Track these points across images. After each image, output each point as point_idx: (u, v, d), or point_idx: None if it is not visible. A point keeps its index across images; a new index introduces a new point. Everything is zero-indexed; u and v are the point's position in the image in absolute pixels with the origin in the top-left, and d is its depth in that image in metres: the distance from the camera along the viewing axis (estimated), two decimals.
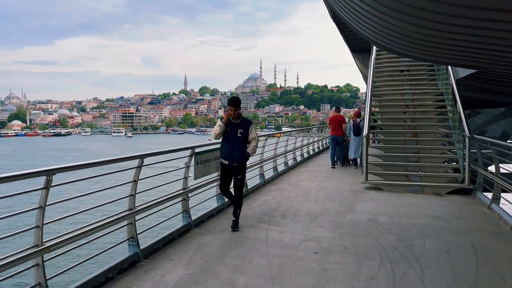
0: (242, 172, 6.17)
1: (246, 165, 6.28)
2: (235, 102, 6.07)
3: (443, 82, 11.81)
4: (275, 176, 11.00)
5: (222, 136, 6.09)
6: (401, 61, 14.57)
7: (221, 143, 6.20)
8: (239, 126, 6.06)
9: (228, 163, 6.08)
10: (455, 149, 9.80)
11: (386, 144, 10.50)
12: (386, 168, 9.74)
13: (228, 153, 6.06)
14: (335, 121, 13.83)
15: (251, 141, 6.17)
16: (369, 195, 8.51)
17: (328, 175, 11.38)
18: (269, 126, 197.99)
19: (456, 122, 9.72)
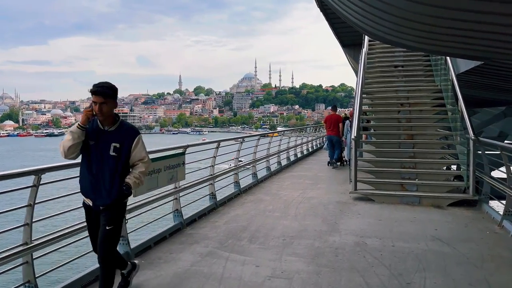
0: (113, 221, 3.41)
1: (122, 207, 3.56)
2: (103, 89, 3.36)
3: (442, 78, 10.64)
4: (254, 184, 9.76)
5: (80, 153, 3.42)
6: (395, 55, 13.43)
7: (80, 166, 3.51)
8: (112, 138, 3.42)
9: (91, 205, 3.47)
10: (457, 154, 8.62)
11: (378, 148, 9.30)
12: (378, 175, 8.53)
13: (90, 186, 3.42)
14: (331, 120, 13.01)
15: (135, 164, 3.51)
16: (358, 208, 7.30)
17: (314, 182, 10.16)
18: (264, 126, 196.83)
19: (458, 122, 8.54)
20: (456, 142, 8.72)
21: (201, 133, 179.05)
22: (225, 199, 7.87)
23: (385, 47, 14.06)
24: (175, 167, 5.66)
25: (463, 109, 8.15)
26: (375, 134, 10.14)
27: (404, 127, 9.60)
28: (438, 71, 11.15)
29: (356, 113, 8.80)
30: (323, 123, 14.59)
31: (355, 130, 8.18)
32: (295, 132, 17.49)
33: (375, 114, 10.78)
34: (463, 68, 9.20)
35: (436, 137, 9.24)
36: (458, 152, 8.47)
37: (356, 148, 8.06)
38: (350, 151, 8.16)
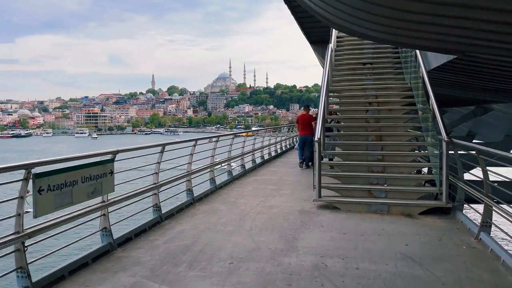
0: None
1: None
2: None
3: (412, 75, 10.05)
4: (212, 191, 8.84)
5: None
6: (364, 52, 12.85)
7: None
8: None
9: None
10: (428, 156, 7.99)
11: (344, 150, 8.58)
12: (344, 180, 7.79)
13: None
14: (303, 120, 12.46)
15: None
16: (321, 219, 6.51)
17: (278, 188, 9.34)
18: (239, 126, 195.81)
19: (429, 122, 7.91)
20: (427, 144, 8.10)
21: (176, 134, 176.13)
22: (173, 211, 6.92)
23: (354, 43, 13.48)
24: (99, 177, 4.69)
25: (434, 108, 7.53)
26: (341, 135, 9.41)
27: (372, 127, 8.92)
28: (408, 68, 10.58)
29: (320, 113, 8.03)
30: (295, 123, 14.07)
31: (318, 131, 7.40)
32: (265, 132, 16.59)
33: (342, 114, 10.09)
34: (434, 64, 8.59)
35: (406, 138, 8.60)
36: (429, 154, 7.84)
37: (320, 150, 7.28)
38: (314, 154, 7.40)
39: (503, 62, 6.62)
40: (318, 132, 7.41)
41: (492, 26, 5.02)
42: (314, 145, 7.33)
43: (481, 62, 6.92)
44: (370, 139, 8.68)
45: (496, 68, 7.03)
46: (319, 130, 7.42)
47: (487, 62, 6.84)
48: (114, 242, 5.12)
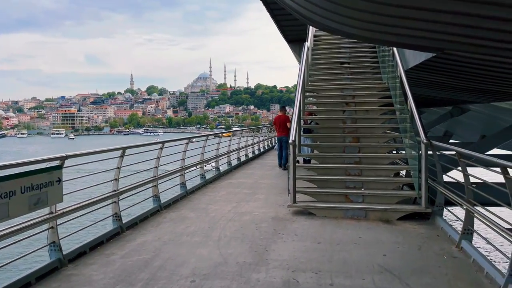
0: None
1: None
2: None
3: (389, 75, 9.80)
4: (182, 196, 8.34)
5: None
6: (341, 51, 12.59)
7: None
8: None
9: None
10: (406, 159, 7.71)
11: (321, 152, 8.23)
12: (320, 184, 7.44)
13: None
14: (280, 121, 12.33)
15: None
16: (295, 227, 6.12)
17: (252, 192, 8.91)
18: (220, 126, 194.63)
19: (407, 123, 7.63)
20: (405, 145, 7.82)
21: (156, 134, 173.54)
22: (136, 220, 6.40)
23: (331, 42, 13.20)
24: (44, 186, 4.16)
25: (413, 109, 7.24)
26: (318, 136, 9.06)
27: (349, 128, 8.61)
28: (386, 68, 10.33)
29: (295, 113, 7.65)
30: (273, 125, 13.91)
31: (293, 133, 7.01)
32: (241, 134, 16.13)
33: (319, 114, 9.74)
34: (412, 63, 8.33)
35: (384, 140, 8.31)
36: (408, 156, 7.56)
37: (294, 153, 6.89)
38: (288, 157, 7.01)
39: (483, 61, 6.38)
40: (292, 133, 7.02)
41: (473, 21, 4.73)
42: (288, 147, 6.93)
43: (460, 61, 6.67)
44: (347, 141, 8.36)
45: (475, 67, 6.79)
46: (293, 132, 7.03)
47: (466, 61, 6.59)
48: (64, 258, 4.59)
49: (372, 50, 12.24)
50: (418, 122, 6.76)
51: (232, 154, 13.40)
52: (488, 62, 6.37)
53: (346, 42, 12.99)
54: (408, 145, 7.61)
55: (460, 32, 5.16)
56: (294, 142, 6.84)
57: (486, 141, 11.31)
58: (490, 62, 6.35)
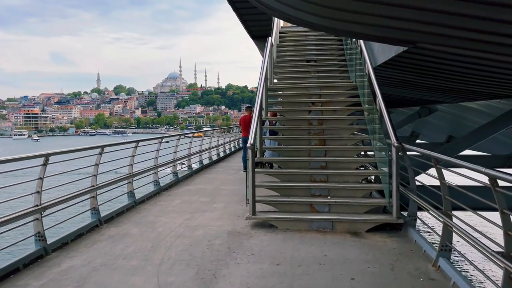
0: None
1: None
2: None
3: (357, 73, 9.23)
4: (129, 206, 7.41)
5: None
6: (308, 49, 11.98)
7: None
8: None
9: None
10: (375, 163, 7.11)
11: (284, 156, 7.52)
12: (283, 191, 6.71)
13: None
14: (245, 121, 11.68)
15: None
16: (252, 244, 5.35)
17: (211, 200, 8.09)
18: (190, 127, 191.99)
19: (376, 125, 7.04)
20: (374, 148, 7.21)
21: (124, 135, 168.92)
22: (67, 238, 5.45)
23: (297, 39, 12.59)
24: None
25: (382, 109, 6.64)
26: (281, 139, 8.33)
27: (315, 130, 7.94)
28: (353, 66, 9.77)
29: (255, 114, 6.88)
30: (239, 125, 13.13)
31: (252, 135, 6.24)
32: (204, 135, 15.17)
33: (283, 115, 9.04)
34: (381, 59, 7.76)
35: (351, 142, 7.69)
36: (377, 160, 6.95)
37: (253, 158, 6.12)
38: (247, 162, 6.24)
39: (457, 56, 5.83)
40: (251, 136, 6.24)
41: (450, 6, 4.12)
42: (246, 152, 6.15)
43: (433, 56, 6.11)
44: (313, 143, 7.69)
45: (449, 64, 6.25)
46: (252, 134, 6.26)
47: (439, 56, 6.03)
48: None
49: (339, 47, 11.70)
50: (388, 123, 6.15)
51: (193, 157, 12.52)
52: (462, 57, 5.84)
53: (313, 39, 12.43)
54: (377, 148, 7.01)
55: (435, 21, 4.55)
56: (253, 146, 6.07)
57: (457, 143, 10.95)
58: (465, 57, 5.81)
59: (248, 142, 6.10)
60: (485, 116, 12.52)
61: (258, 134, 7.22)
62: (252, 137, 6.17)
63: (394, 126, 6.12)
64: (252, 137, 6.16)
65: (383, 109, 6.56)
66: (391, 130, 5.97)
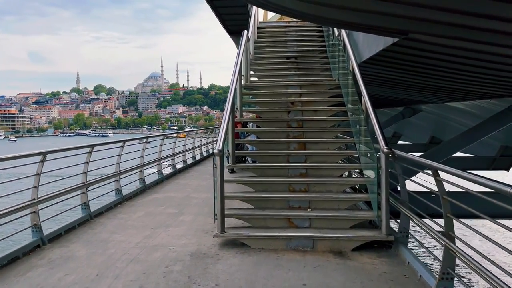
0: None
1: None
2: None
3: (340, 71, 8.50)
4: (83, 221, 6.46)
5: None
6: (288, 45, 11.21)
7: None
8: None
9: None
10: (361, 169, 6.35)
11: (260, 162, 6.71)
12: (258, 203, 5.89)
13: None
14: None
15: None
16: (219, 269, 4.51)
17: (178, 211, 7.21)
18: (172, 127, 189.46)
19: (362, 127, 6.29)
20: (360, 153, 6.46)
21: (105, 136, 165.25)
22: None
23: (277, 35, 11.81)
24: None
25: (369, 109, 5.89)
26: (258, 142, 7.51)
27: (294, 132, 7.16)
28: (336, 63, 9.04)
29: (225, 115, 6.02)
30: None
31: (220, 140, 5.39)
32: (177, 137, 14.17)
33: (261, 116, 8.23)
34: (366, 54, 7.03)
35: (334, 146, 6.93)
36: (363, 167, 6.19)
37: (222, 166, 5.28)
38: (215, 171, 5.40)
39: (451, 49, 5.13)
40: (220, 141, 5.39)
41: None
42: (214, 159, 5.30)
43: (424, 50, 5.40)
44: (292, 148, 6.90)
45: (440, 58, 5.55)
46: (221, 139, 5.41)
47: (431, 49, 5.33)
48: None
49: (321, 44, 10.98)
50: (376, 125, 5.40)
51: (164, 161, 11.59)
52: (458, 50, 5.14)
53: (294, 35, 11.68)
54: (363, 153, 6.25)
55: (432, 3, 3.81)
56: (221, 152, 5.23)
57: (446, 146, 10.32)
58: (460, 50, 5.11)
59: (216, 148, 5.26)
60: (471, 117, 12.01)
61: (230, 138, 6.40)
62: (221, 142, 5.31)
63: (383, 129, 5.38)
64: (221, 142, 5.31)
65: (369, 109, 5.81)
66: (379, 133, 5.22)
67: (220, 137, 5.41)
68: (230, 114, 6.09)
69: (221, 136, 5.44)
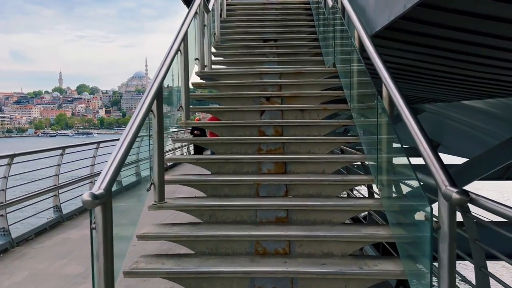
0: None
1: None
2: None
3: (338, 56, 5.86)
4: None
5: None
6: (266, 25, 8.61)
7: None
8: None
9: None
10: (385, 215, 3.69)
11: (208, 197, 3.99)
12: (196, 284, 3.20)
13: None
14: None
15: None
16: None
17: (84, 270, 4.51)
18: None
19: (384, 136, 3.64)
20: (379, 184, 3.81)
21: (89, 136, 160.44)
22: None
23: (252, 13, 9.17)
24: None
25: (400, 108, 3.24)
26: (206, 161, 4.71)
27: (269, 144, 4.52)
28: (330, 46, 6.42)
29: (137, 110, 3.29)
30: None
31: (108, 173, 2.70)
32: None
33: (222, 118, 5.50)
34: (382, 23, 4.40)
35: (334, 169, 4.28)
36: (390, 219, 3.47)
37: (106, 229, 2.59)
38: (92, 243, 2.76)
39: None
40: (108, 172, 2.68)
41: None
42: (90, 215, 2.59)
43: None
44: (265, 170, 4.25)
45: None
46: (111, 168, 2.70)
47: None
48: None
49: (310, 24, 8.40)
50: (421, 140, 2.74)
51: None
52: None
53: (274, 13, 9.08)
54: (385, 185, 3.61)
55: None
56: (106, 196, 2.54)
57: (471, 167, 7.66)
58: None
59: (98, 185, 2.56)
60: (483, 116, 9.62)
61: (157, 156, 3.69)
62: (108, 174, 2.60)
63: (431, 143, 2.73)
64: (108, 175, 2.59)
65: (403, 109, 3.16)
66: (431, 157, 2.57)
67: (112, 164, 2.68)
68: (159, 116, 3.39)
69: (115, 158, 2.72)
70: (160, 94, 3.57)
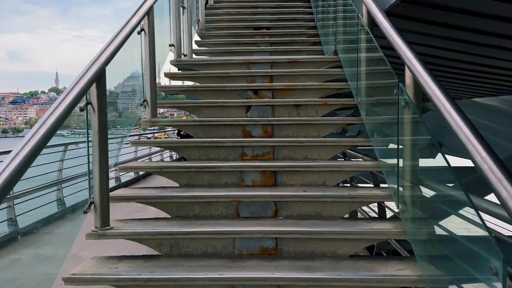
0: None
1: None
2: None
3: (340, 44, 4.90)
4: None
5: None
6: (259, 12, 7.68)
7: None
8: None
9: None
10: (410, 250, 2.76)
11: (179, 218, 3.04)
12: None
13: None
14: None
15: None
16: None
17: None
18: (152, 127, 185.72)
19: (407, 138, 2.70)
20: (399, 201, 2.86)
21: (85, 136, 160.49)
22: None
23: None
24: None
25: (436, 95, 2.29)
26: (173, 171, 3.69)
27: (256, 148, 3.57)
28: (330, 34, 5.49)
29: (50, 113, 2.38)
30: None
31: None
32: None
33: (200, 114, 4.52)
34: None
35: (338, 179, 3.33)
36: (416, 249, 2.51)
37: None
38: None
39: None
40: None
41: None
42: None
43: None
44: (249, 181, 3.30)
45: None
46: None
47: None
48: None
49: (307, 11, 7.46)
50: (481, 152, 1.78)
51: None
52: None
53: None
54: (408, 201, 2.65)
55: None
56: None
57: None
58: None
59: None
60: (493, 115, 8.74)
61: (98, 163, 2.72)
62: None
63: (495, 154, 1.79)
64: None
65: (441, 101, 2.21)
66: (497, 175, 1.62)
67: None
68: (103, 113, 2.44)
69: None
70: (101, 78, 2.61)
